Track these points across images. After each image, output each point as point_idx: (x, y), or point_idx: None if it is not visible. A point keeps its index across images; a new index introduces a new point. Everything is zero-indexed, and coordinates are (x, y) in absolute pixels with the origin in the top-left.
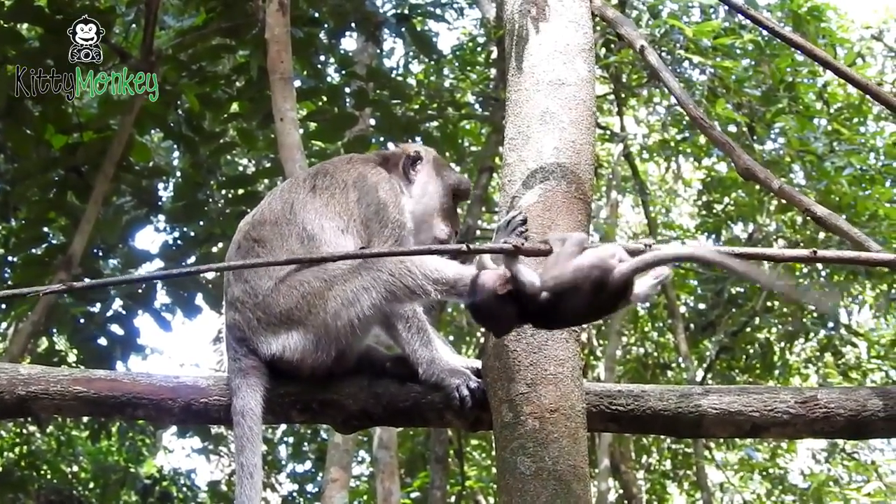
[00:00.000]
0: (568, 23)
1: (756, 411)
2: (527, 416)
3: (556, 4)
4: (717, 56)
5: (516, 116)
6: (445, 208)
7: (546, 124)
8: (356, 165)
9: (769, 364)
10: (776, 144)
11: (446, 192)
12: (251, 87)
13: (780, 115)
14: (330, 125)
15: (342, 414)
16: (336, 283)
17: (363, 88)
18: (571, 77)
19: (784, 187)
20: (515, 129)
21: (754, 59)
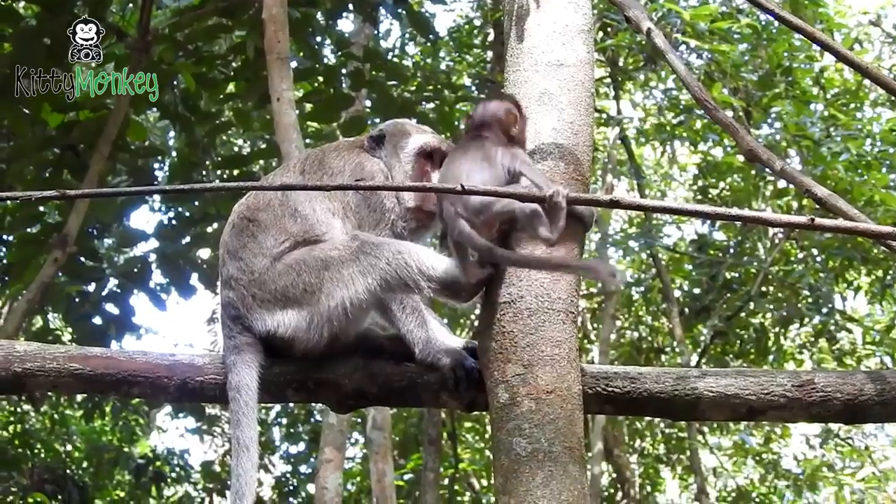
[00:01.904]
0: (567, 3)
1: (753, 394)
2: (523, 398)
3: None
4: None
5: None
6: (414, 175)
7: (544, 105)
8: (342, 152)
9: (764, 349)
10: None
11: (410, 159)
12: (247, 68)
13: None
14: (326, 106)
15: (337, 393)
16: (332, 264)
17: (360, 69)
18: (570, 58)
19: (786, 168)
20: None
21: (751, 43)
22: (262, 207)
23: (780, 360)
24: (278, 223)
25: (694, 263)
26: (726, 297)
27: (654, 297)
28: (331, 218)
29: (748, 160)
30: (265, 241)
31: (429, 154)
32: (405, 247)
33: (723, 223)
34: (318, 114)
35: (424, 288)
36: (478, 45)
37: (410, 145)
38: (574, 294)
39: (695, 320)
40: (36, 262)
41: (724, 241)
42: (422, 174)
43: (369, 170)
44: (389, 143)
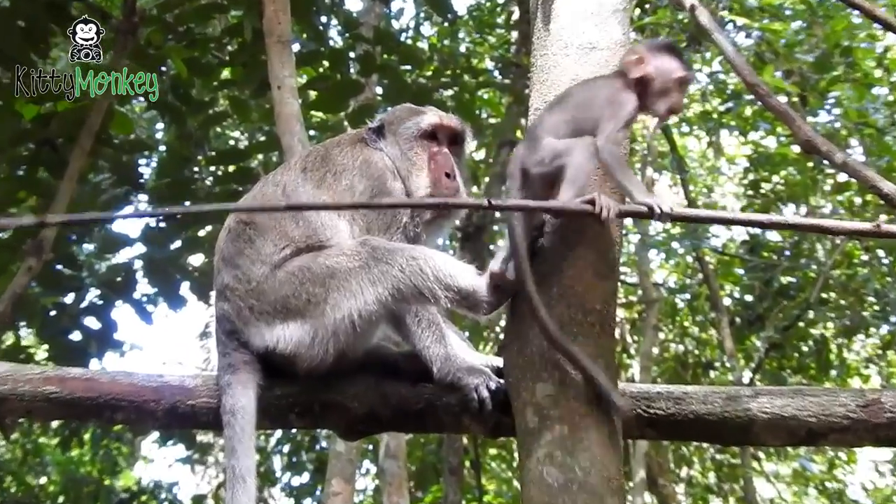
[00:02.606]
0: None
1: (812, 416)
2: (554, 421)
3: None
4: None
5: (542, 84)
6: (418, 160)
7: None
8: (345, 147)
9: (825, 363)
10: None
11: (412, 143)
12: (245, 52)
13: (836, 84)
14: (332, 93)
15: (346, 417)
16: (339, 272)
17: (369, 53)
18: (604, 40)
19: (849, 161)
20: (541, 98)
21: (806, 20)
22: None
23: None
24: (278, 227)
25: (745, 267)
26: (782, 305)
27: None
28: (336, 221)
29: (805, 151)
30: (264, 246)
31: (431, 134)
32: (420, 252)
33: None
34: (324, 102)
35: (442, 298)
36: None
37: (410, 129)
38: (611, 303)
39: (747, 331)
40: (7, 271)
41: (780, 243)
42: (429, 157)
43: (375, 165)
44: (389, 132)
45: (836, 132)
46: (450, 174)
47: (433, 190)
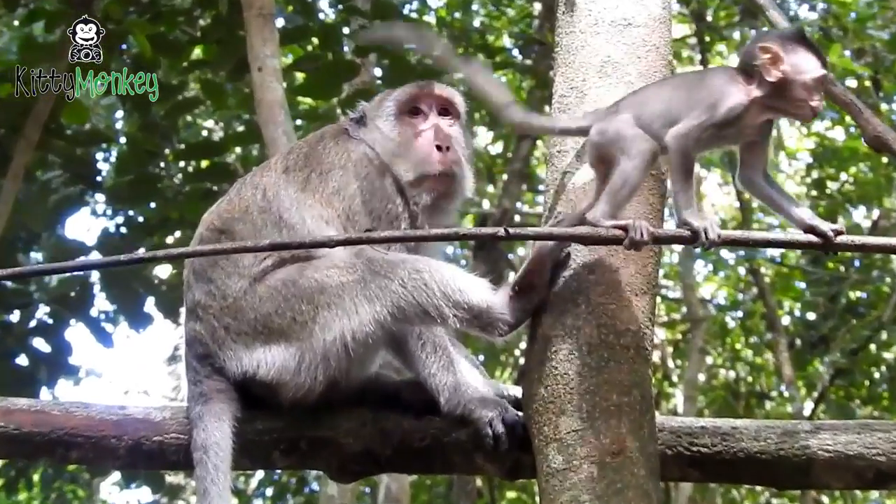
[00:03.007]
0: None
1: (882, 454)
2: (581, 461)
3: None
4: None
5: (568, 67)
6: (403, 139)
7: (607, 77)
8: (328, 142)
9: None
10: None
11: (392, 123)
12: (220, 27)
13: None
14: (323, 76)
15: (339, 456)
16: (329, 286)
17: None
18: (641, 15)
19: None
20: (567, 83)
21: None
22: (237, 215)
23: None
24: (259, 235)
25: (808, 281)
26: (850, 325)
27: (755, 324)
28: (324, 228)
29: (874, 149)
30: (242, 257)
31: (411, 108)
32: (424, 264)
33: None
34: (313, 87)
35: (450, 317)
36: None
37: (389, 107)
38: (648, 323)
39: (810, 355)
40: None
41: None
42: (413, 134)
43: (361, 162)
44: (370, 119)
45: None
46: (442, 146)
47: (423, 168)
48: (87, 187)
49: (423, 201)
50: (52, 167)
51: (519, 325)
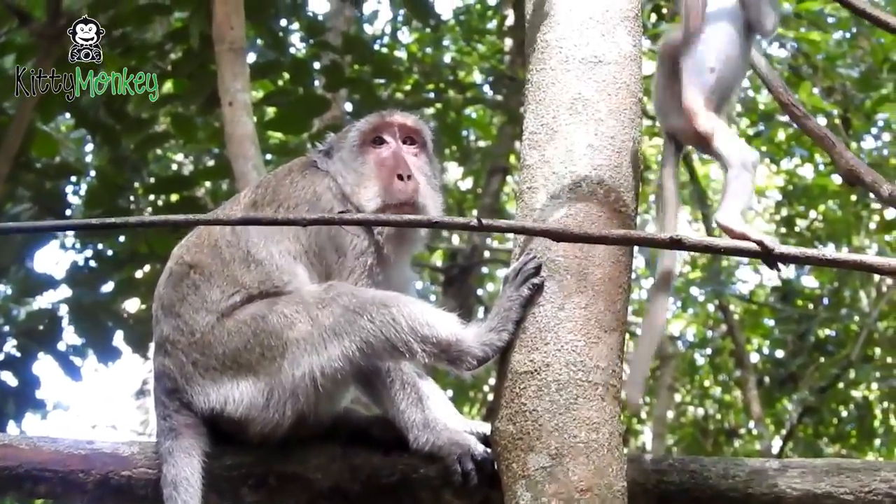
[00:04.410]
0: None
1: (850, 493)
2: (550, 498)
3: None
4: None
5: (539, 104)
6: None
7: (578, 115)
8: (295, 175)
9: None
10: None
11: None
12: (191, 61)
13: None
14: (293, 111)
15: (308, 492)
16: (298, 321)
17: (337, 63)
18: (611, 53)
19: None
20: (538, 119)
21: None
22: (206, 250)
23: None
24: (227, 270)
25: (776, 318)
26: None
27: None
28: (292, 264)
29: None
30: (210, 292)
31: (374, 138)
32: (392, 299)
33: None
34: (284, 121)
35: (418, 352)
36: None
37: (352, 138)
38: (617, 360)
39: (778, 393)
40: None
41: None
42: (375, 163)
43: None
44: (336, 151)
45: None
46: (403, 175)
47: (383, 198)
48: None
49: (387, 231)
50: (21, 200)
51: (488, 360)
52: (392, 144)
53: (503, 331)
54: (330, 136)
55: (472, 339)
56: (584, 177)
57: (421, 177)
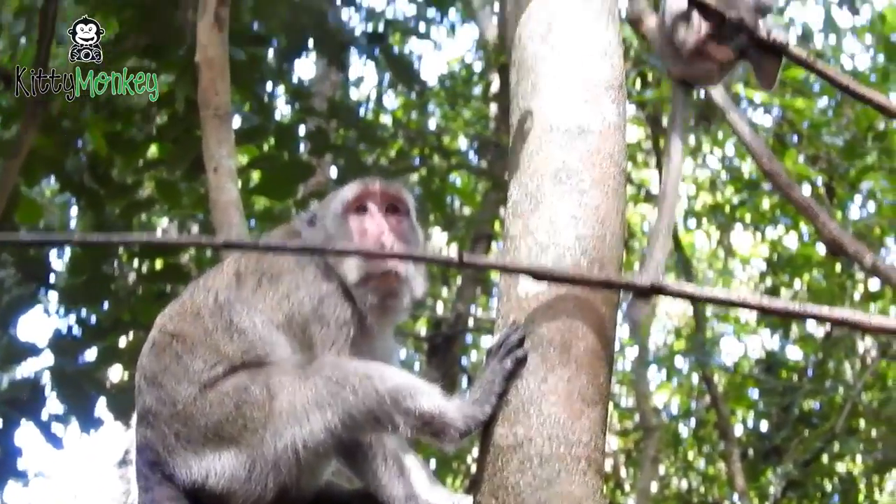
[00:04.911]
0: (591, 51)
1: None
2: None
3: (575, 26)
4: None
5: (523, 173)
6: (349, 238)
7: (561, 185)
8: None
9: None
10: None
11: (339, 223)
12: (176, 126)
13: (868, 173)
14: (279, 176)
15: None
16: (280, 393)
17: (322, 129)
18: (595, 122)
19: (879, 264)
20: (521, 189)
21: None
22: (189, 319)
23: None
24: (209, 340)
25: (761, 389)
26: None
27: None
28: (275, 334)
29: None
30: (192, 363)
31: (358, 207)
32: (375, 370)
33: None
34: (269, 187)
35: (401, 424)
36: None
37: (335, 207)
38: (600, 434)
39: (762, 465)
40: None
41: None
42: (358, 232)
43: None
44: (319, 220)
45: (869, 230)
46: (386, 245)
47: (367, 268)
48: (40, 286)
49: (370, 301)
50: (4, 266)
51: (471, 432)
52: (375, 213)
53: (486, 404)
54: (314, 205)
55: (455, 412)
56: (567, 247)
57: (405, 245)
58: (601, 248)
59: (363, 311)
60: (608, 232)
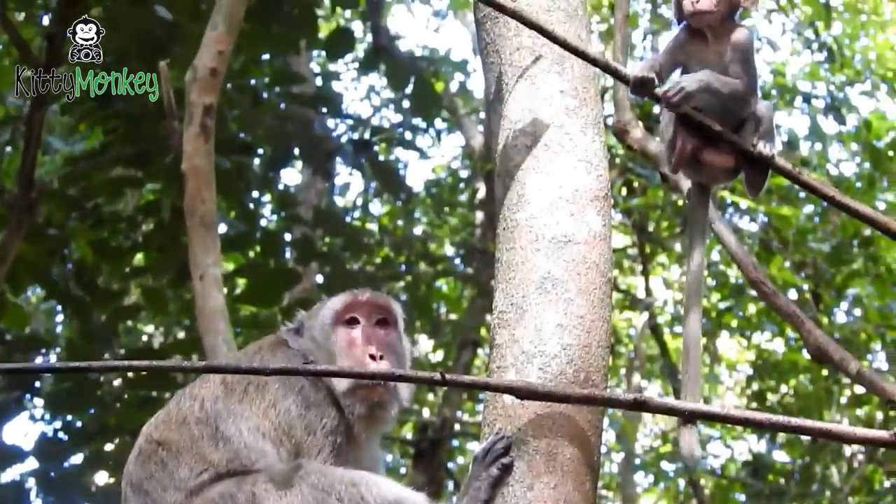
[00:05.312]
0: (577, 161)
1: None
2: None
3: (560, 138)
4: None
5: (508, 283)
6: (336, 350)
7: (547, 294)
8: (265, 355)
9: None
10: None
11: (329, 334)
12: (162, 234)
13: (854, 280)
14: (264, 284)
15: None
16: (267, 500)
17: (308, 236)
18: (581, 232)
19: (864, 371)
20: (507, 299)
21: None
22: (175, 427)
23: None
24: (195, 447)
25: (748, 493)
26: None
27: None
28: (262, 442)
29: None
30: (178, 470)
31: (349, 318)
32: (361, 477)
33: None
34: (254, 294)
35: None
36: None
37: (325, 317)
38: None
39: None
40: None
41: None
42: (347, 343)
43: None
44: (307, 330)
45: (855, 336)
46: (375, 356)
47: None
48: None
49: (358, 411)
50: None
51: None
52: (364, 324)
53: None
54: (300, 314)
55: None
56: (553, 356)
57: (392, 356)
58: (587, 357)
59: (351, 421)
60: (594, 341)
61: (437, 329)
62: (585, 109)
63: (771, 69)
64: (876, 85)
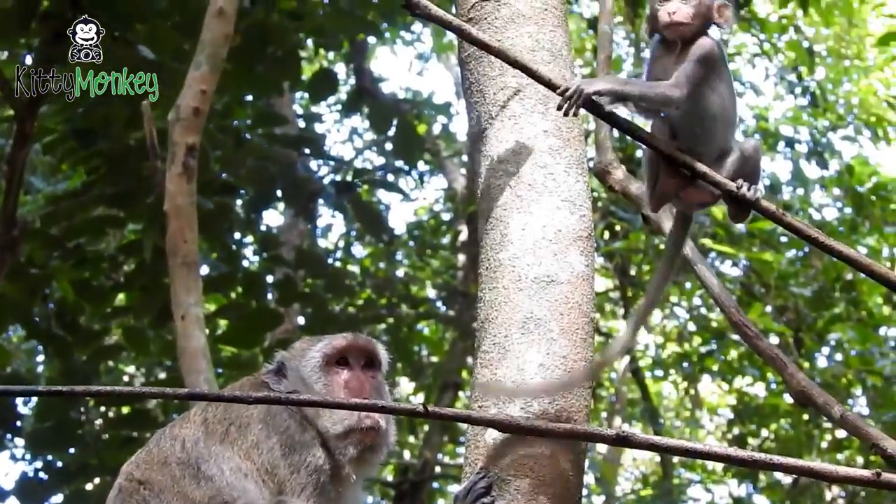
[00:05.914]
0: (560, 202)
1: None
2: None
3: (543, 179)
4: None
5: (491, 323)
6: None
7: (529, 334)
8: None
9: None
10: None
11: (319, 376)
12: (143, 274)
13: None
14: (246, 325)
15: None
16: None
17: (290, 277)
18: (564, 273)
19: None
20: (490, 339)
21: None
22: (156, 467)
23: None
24: (176, 486)
25: None
26: None
27: None
28: (243, 481)
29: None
30: None
31: (339, 359)
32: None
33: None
34: (236, 335)
35: None
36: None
37: (315, 359)
38: None
39: None
40: None
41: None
42: (339, 387)
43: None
44: (291, 370)
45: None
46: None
47: (351, 422)
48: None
49: (349, 454)
50: None
51: None
52: (355, 368)
53: None
54: (280, 355)
55: None
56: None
57: (380, 400)
58: (568, 397)
59: (341, 462)
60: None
61: (419, 371)
62: (569, 150)
63: (754, 114)
64: (858, 130)
